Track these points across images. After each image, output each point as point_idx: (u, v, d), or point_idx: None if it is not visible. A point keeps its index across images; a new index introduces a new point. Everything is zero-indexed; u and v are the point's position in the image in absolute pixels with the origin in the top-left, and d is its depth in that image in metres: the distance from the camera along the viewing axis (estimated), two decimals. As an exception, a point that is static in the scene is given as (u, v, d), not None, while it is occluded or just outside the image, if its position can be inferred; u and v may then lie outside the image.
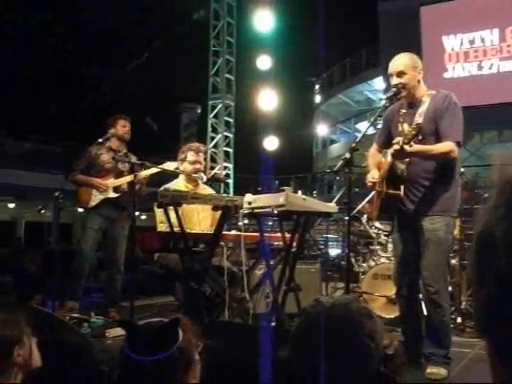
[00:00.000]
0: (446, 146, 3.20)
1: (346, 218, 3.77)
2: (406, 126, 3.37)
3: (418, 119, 3.27)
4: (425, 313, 3.58)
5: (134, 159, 4.77)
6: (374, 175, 3.42)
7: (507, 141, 15.08)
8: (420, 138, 3.10)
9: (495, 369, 0.52)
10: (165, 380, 1.39)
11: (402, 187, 3.29)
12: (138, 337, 1.43)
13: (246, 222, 3.49)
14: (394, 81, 3.37)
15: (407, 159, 3.25)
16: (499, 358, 0.50)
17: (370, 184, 3.45)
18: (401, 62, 3.39)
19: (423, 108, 3.32)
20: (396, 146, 3.04)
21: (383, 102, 3.56)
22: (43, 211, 11.53)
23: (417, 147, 3.06)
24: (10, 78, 17.08)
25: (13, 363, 1.68)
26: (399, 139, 3.08)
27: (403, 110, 3.45)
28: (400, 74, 3.34)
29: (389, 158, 3.29)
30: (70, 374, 2.46)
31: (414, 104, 3.40)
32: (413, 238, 3.38)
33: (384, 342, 1.37)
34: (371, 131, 5.45)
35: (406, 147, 2.99)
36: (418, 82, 3.39)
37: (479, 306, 0.52)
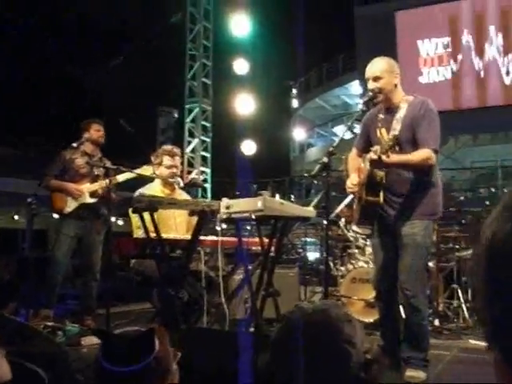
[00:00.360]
0: (423, 154, 3.20)
1: (325, 221, 3.76)
2: (384, 132, 3.38)
3: (396, 126, 3.28)
4: (403, 316, 3.60)
5: (108, 164, 4.70)
6: (353, 181, 3.42)
7: (482, 144, 15.33)
8: (397, 148, 3.11)
9: (503, 377, 0.50)
10: None
11: (382, 194, 3.29)
12: (113, 347, 1.40)
13: (223, 226, 3.44)
14: (371, 85, 3.37)
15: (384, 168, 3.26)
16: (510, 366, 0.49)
17: (350, 190, 3.45)
18: (377, 66, 3.39)
19: (400, 114, 3.33)
20: (373, 156, 3.04)
21: (360, 106, 3.57)
22: (17, 217, 11.31)
23: (394, 158, 3.07)
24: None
25: None
26: (376, 148, 3.08)
27: (381, 116, 3.46)
28: (376, 79, 3.34)
29: (367, 166, 3.30)
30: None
31: (391, 109, 3.41)
32: (392, 244, 3.39)
33: (364, 347, 1.35)
34: (348, 136, 5.47)
35: (384, 157, 2.99)
36: (395, 86, 3.39)
37: (492, 316, 0.49)
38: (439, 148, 3.32)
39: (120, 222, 11.96)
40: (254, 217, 3.20)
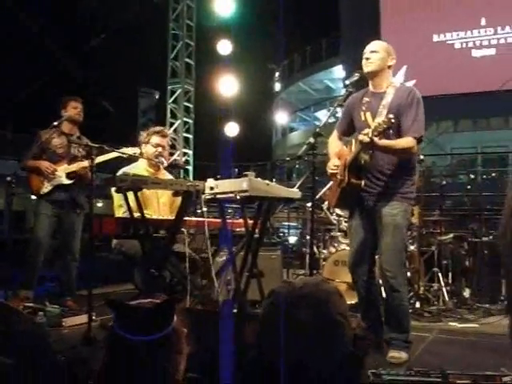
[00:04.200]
0: (407, 141, 3.26)
1: (309, 204, 3.75)
2: (368, 115, 3.40)
3: (383, 110, 3.30)
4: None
5: (87, 142, 4.60)
6: (334, 163, 3.44)
7: (463, 130, 15.47)
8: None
9: None
10: (159, 363, 1.30)
11: (364, 177, 3.34)
12: (130, 317, 1.32)
13: (205, 209, 3.41)
14: (366, 55, 3.42)
15: (371, 150, 3.27)
16: None
17: (331, 171, 3.45)
18: (377, 43, 3.50)
19: (387, 99, 3.35)
20: (365, 138, 3.07)
21: (346, 84, 3.57)
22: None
23: (384, 142, 3.12)
24: None
25: None
26: (368, 131, 3.10)
27: (366, 99, 3.47)
28: (373, 51, 3.41)
29: (354, 148, 3.31)
30: (24, 365, 2.36)
31: (378, 94, 3.43)
32: (370, 226, 3.44)
33: (352, 323, 1.35)
34: (332, 120, 5.46)
35: (376, 139, 3.05)
36: (388, 67, 3.44)
37: None
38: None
39: (99, 204, 11.85)
40: (238, 197, 3.17)
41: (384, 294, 3.56)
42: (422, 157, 4.91)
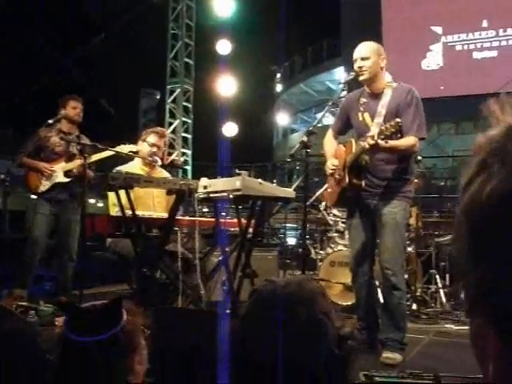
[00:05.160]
0: (410, 141, 3.26)
1: (304, 203, 3.73)
2: (366, 116, 3.39)
3: (381, 110, 3.29)
4: (381, 300, 3.61)
5: (86, 141, 4.58)
6: (333, 163, 3.45)
7: (464, 132, 15.43)
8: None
9: (485, 345, 0.46)
10: (108, 363, 1.30)
11: (364, 177, 3.36)
12: (79, 318, 1.33)
13: (205, 210, 3.39)
14: (358, 63, 3.38)
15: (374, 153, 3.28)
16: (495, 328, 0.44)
17: (330, 172, 3.45)
18: (366, 47, 3.44)
19: (385, 99, 3.35)
20: (371, 141, 3.08)
21: (341, 86, 3.57)
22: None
23: (390, 143, 3.11)
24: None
25: None
26: (374, 133, 3.10)
27: (364, 100, 3.46)
28: (364, 59, 3.37)
29: (354, 149, 3.31)
30: (12, 364, 2.33)
31: (375, 94, 3.42)
32: (370, 225, 3.44)
33: (337, 323, 1.31)
34: (329, 121, 5.46)
35: (382, 143, 3.04)
36: (381, 69, 3.42)
37: (482, 272, 0.46)
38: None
39: (100, 204, 11.81)
40: (231, 196, 3.14)
41: (381, 295, 3.54)
42: (419, 157, 4.88)
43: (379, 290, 3.90)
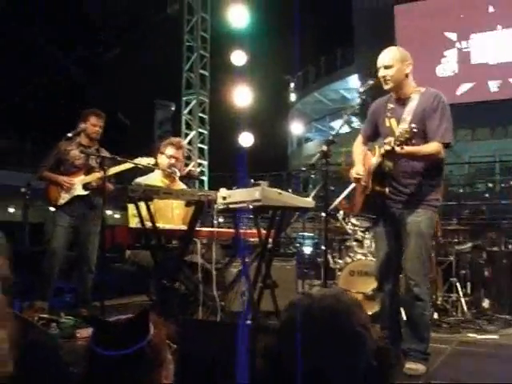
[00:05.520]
0: (433, 147, 3.20)
1: (323, 214, 3.72)
2: (393, 122, 3.37)
3: (407, 117, 3.25)
4: (402, 313, 3.58)
5: (106, 154, 4.62)
6: (358, 170, 3.41)
7: (480, 139, 15.30)
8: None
9: None
10: (134, 377, 1.29)
11: (388, 184, 3.31)
12: (106, 332, 1.33)
13: (219, 219, 3.39)
14: (381, 72, 3.35)
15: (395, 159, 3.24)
16: None
17: (355, 178, 3.43)
18: (389, 55, 3.38)
19: (412, 105, 3.30)
20: (387, 147, 3.05)
21: (360, 91, 3.54)
22: (12, 210, 11.24)
23: (407, 149, 3.06)
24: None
25: None
26: (391, 140, 3.08)
27: (391, 105, 3.43)
28: (387, 67, 3.32)
29: (375, 159, 3.29)
30: (35, 377, 2.34)
31: (402, 100, 3.38)
32: (395, 233, 3.39)
33: (374, 335, 1.30)
34: (347, 129, 5.45)
35: (398, 149, 3.00)
36: (406, 76, 3.36)
37: None
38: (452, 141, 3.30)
39: (117, 216, 11.89)
40: (251, 207, 3.14)
41: (403, 311, 3.49)
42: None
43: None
